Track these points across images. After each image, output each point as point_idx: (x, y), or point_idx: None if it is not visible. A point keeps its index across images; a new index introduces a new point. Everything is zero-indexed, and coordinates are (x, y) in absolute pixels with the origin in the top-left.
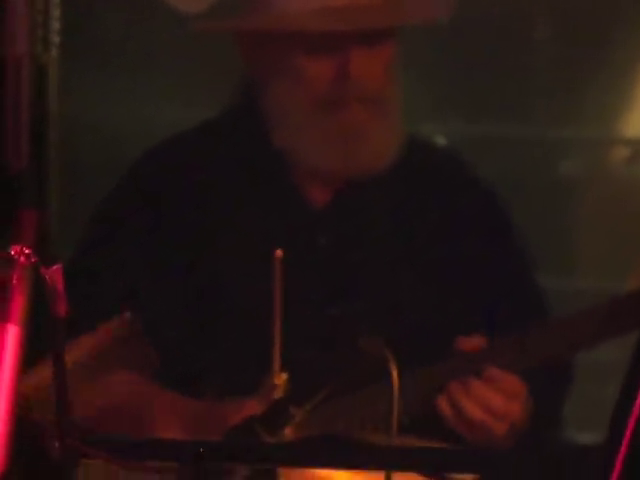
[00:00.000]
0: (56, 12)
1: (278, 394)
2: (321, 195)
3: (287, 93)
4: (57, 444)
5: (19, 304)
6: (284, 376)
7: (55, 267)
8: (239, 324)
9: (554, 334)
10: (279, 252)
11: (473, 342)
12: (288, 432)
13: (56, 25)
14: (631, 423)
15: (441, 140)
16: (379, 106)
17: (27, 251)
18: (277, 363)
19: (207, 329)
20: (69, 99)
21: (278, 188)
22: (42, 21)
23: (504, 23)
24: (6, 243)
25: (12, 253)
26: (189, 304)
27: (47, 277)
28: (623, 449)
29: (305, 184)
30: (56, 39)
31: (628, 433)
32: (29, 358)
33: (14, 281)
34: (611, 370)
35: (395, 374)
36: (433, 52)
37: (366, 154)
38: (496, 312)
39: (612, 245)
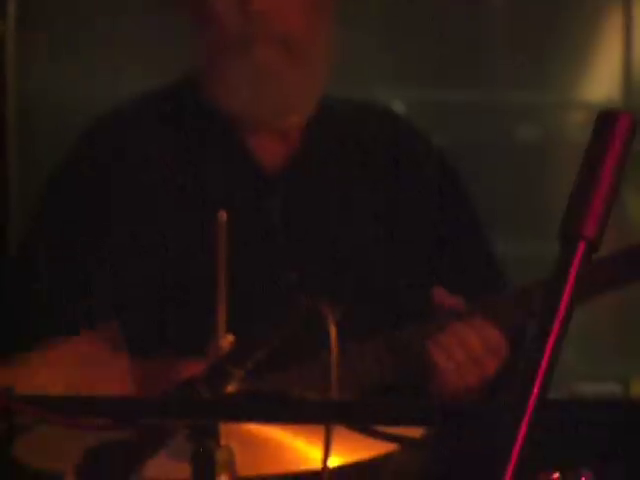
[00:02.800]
0: None
1: (224, 354)
2: (274, 160)
3: (206, 38)
4: None
5: None
6: (229, 338)
7: None
8: (191, 289)
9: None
10: (222, 214)
11: (451, 299)
12: (228, 391)
13: None
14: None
15: (399, 105)
16: (293, 50)
17: None
18: (222, 325)
19: (161, 294)
20: (26, 71)
21: (230, 153)
22: None
23: None
24: None
25: None
26: (142, 271)
27: None
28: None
29: (257, 148)
30: (12, 10)
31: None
32: None
33: None
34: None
35: (333, 332)
36: (395, 18)
37: (277, 97)
38: (453, 277)
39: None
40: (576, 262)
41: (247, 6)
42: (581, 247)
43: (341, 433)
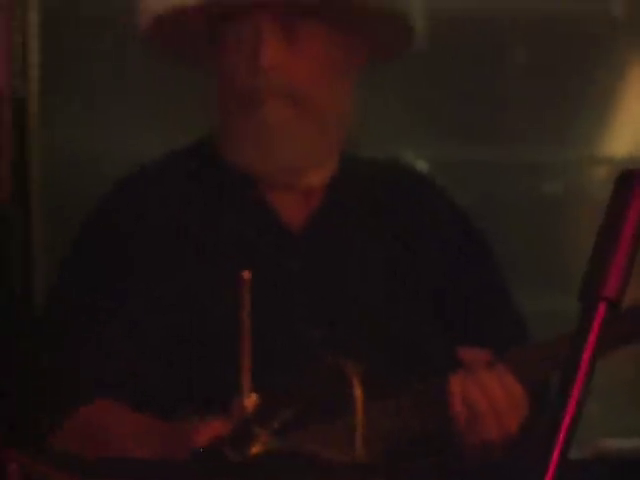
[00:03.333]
0: (34, 44)
1: (247, 415)
2: (296, 217)
3: (219, 93)
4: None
5: None
6: (254, 397)
7: None
8: (215, 347)
9: (547, 353)
10: (247, 273)
11: (475, 353)
12: (255, 452)
13: (35, 58)
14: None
15: (422, 164)
16: (302, 106)
17: None
18: (246, 384)
19: (183, 353)
20: (49, 133)
21: (251, 211)
22: (21, 54)
23: (481, 49)
24: None
25: None
26: (165, 331)
27: None
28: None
29: (278, 206)
30: (35, 73)
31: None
32: None
33: None
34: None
35: (359, 393)
36: (414, 77)
37: (286, 153)
38: (476, 334)
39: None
40: (597, 323)
41: (255, 61)
42: (602, 308)
43: None
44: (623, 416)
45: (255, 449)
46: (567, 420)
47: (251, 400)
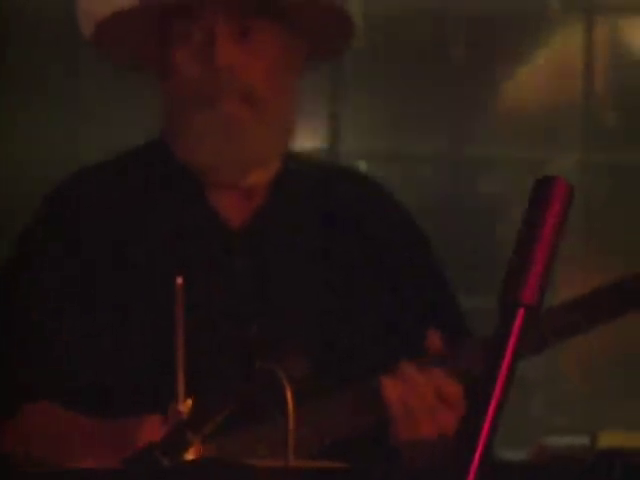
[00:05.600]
0: None
1: (181, 420)
2: (238, 216)
3: (171, 93)
4: None
5: None
6: (189, 402)
7: None
8: (153, 351)
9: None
10: (179, 280)
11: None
12: (187, 458)
13: None
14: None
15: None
16: (257, 105)
17: None
18: (181, 390)
19: (126, 355)
20: None
21: (195, 210)
22: None
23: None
24: None
25: None
26: (108, 334)
27: None
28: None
29: (221, 205)
30: None
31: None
32: None
33: None
34: (534, 386)
35: (290, 398)
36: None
37: (241, 153)
38: (417, 331)
39: None
40: (516, 329)
41: (211, 61)
42: (520, 313)
43: None
44: (567, 413)
45: (187, 455)
46: (486, 426)
47: (186, 405)
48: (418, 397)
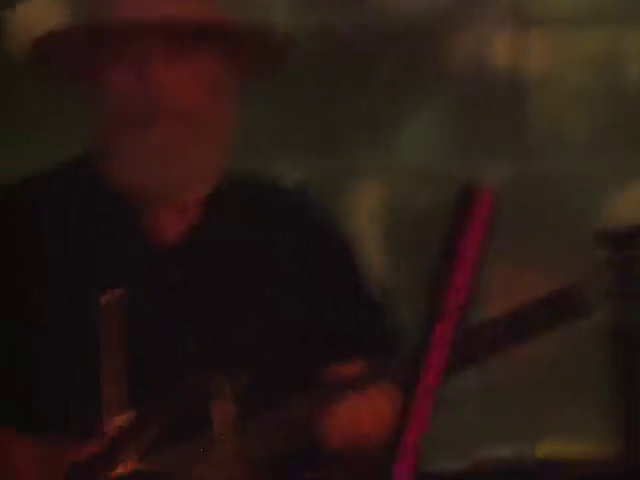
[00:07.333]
0: None
1: (117, 434)
2: (172, 233)
3: (104, 112)
4: None
5: None
6: (126, 416)
7: None
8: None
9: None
10: (104, 299)
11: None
12: (122, 472)
13: None
14: None
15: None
16: (193, 126)
17: None
18: (118, 403)
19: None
20: None
21: (127, 228)
22: None
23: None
24: None
25: None
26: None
27: None
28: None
29: (155, 222)
30: None
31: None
32: None
33: None
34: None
35: (225, 411)
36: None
37: (176, 173)
38: (350, 341)
39: None
40: (439, 339)
41: (146, 81)
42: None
43: None
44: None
45: (122, 469)
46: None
47: (123, 419)
48: (358, 423)
